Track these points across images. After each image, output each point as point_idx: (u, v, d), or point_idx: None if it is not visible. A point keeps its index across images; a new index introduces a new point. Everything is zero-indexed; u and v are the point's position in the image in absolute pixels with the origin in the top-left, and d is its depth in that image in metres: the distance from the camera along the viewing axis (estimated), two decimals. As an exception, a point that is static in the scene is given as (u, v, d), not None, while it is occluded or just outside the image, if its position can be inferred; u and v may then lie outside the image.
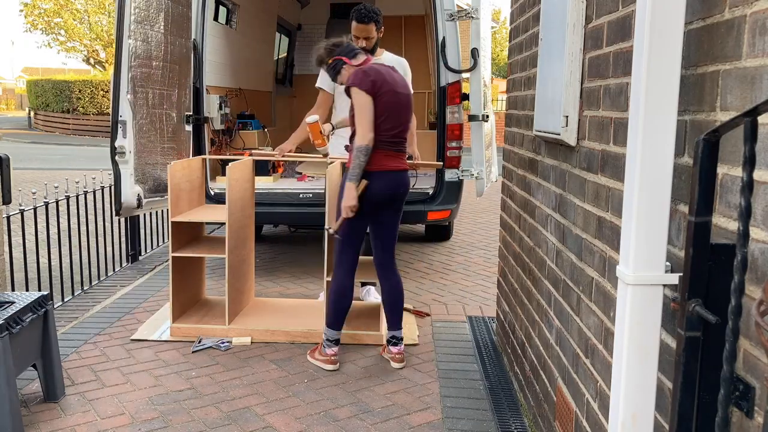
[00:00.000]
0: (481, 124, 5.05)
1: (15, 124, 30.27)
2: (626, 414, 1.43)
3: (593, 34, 2.14)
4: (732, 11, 1.27)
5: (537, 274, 2.93)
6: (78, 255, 4.96)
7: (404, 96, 3.47)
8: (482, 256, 6.36)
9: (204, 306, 4.35)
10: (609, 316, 1.91)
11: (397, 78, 3.46)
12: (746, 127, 0.98)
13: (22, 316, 2.88)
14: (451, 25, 4.95)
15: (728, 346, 1.00)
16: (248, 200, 4.30)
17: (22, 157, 15.82)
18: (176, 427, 2.94)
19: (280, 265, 5.94)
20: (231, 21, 7.02)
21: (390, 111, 3.37)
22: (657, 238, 1.39)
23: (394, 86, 3.39)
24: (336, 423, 3.01)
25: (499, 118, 15.81)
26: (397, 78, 3.46)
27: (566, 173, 2.43)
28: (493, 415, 3.10)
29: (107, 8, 29.58)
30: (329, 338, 3.60)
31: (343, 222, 3.44)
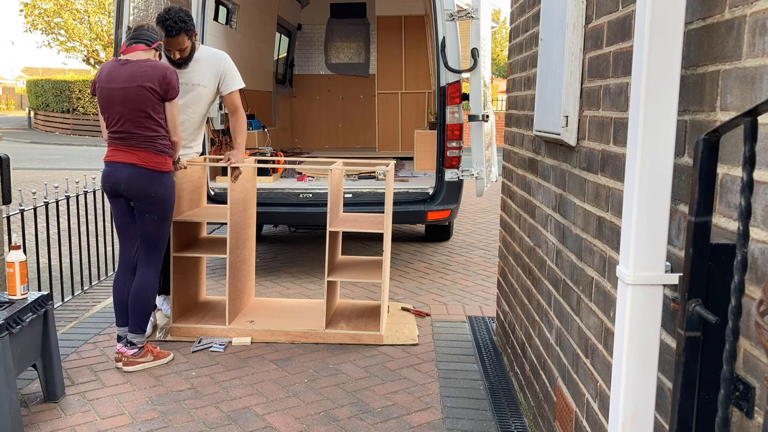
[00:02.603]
0: (481, 124, 5.05)
1: (15, 124, 30.27)
2: (626, 414, 1.43)
3: (593, 34, 2.14)
4: (732, 11, 1.27)
5: (537, 274, 2.93)
6: (78, 255, 4.96)
7: (118, 90, 3.35)
8: (482, 256, 6.36)
9: (204, 306, 4.35)
10: (609, 316, 1.91)
11: (122, 71, 3.36)
12: (746, 127, 0.98)
13: (22, 316, 2.88)
14: (451, 25, 4.95)
15: (728, 346, 1.00)
16: (250, 200, 4.30)
17: (22, 157, 15.83)
18: (176, 427, 2.94)
19: (280, 265, 5.94)
20: (231, 21, 7.02)
21: (103, 105, 3.42)
22: (657, 238, 1.39)
23: (109, 83, 3.38)
24: (336, 423, 3.01)
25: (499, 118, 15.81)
26: (122, 71, 3.36)
27: (566, 173, 2.44)
28: (493, 415, 3.11)
29: (107, 8, 29.56)
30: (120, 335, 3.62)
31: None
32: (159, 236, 3.55)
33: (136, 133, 3.38)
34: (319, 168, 4.59)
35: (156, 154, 3.42)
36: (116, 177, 3.41)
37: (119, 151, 3.41)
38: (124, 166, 3.39)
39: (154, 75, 3.34)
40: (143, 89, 3.32)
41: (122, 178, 3.40)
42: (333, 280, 4.02)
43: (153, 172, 3.42)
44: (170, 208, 3.55)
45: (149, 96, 3.34)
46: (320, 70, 9.78)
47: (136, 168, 3.39)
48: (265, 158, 5.00)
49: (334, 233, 4.10)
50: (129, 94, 3.33)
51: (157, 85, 3.34)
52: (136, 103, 3.34)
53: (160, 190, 3.45)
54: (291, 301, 4.53)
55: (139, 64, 3.38)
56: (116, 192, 3.46)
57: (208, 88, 4.03)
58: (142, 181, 3.40)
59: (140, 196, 3.43)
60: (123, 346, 3.57)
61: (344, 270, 4.14)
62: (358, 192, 5.30)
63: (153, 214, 3.48)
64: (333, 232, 4.03)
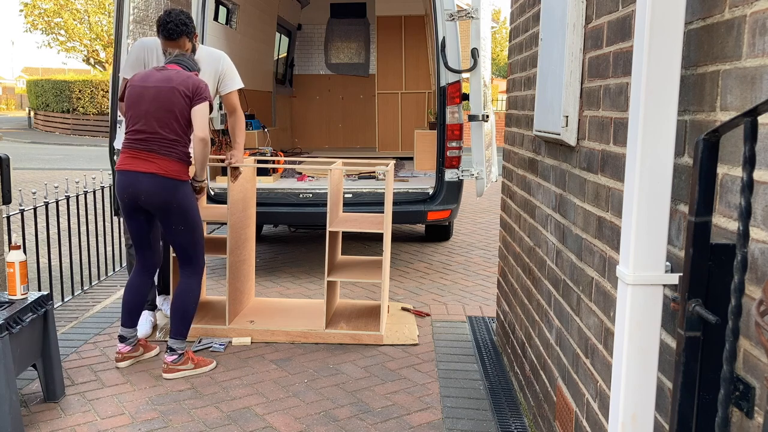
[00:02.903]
0: (481, 124, 5.05)
1: (15, 124, 30.27)
2: (626, 414, 1.43)
3: (593, 34, 2.14)
4: (732, 11, 1.27)
5: (537, 274, 2.93)
6: (78, 255, 4.96)
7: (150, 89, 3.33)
8: (482, 256, 6.36)
9: (204, 306, 4.35)
10: (609, 316, 1.91)
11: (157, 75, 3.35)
12: (746, 127, 0.98)
13: (22, 316, 2.88)
14: (451, 25, 4.95)
15: (728, 346, 1.00)
16: (249, 200, 4.30)
17: (22, 157, 15.82)
18: (176, 427, 2.95)
19: (280, 265, 5.94)
20: (231, 21, 7.02)
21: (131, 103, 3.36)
22: (657, 238, 1.39)
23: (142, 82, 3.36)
24: (336, 423, 3.01)
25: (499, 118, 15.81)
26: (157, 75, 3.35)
27: (566, 173, 2.43)
28: (493, 415, 3.11)
29: (107, 8, 29.57)
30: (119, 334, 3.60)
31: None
32: (193, 244, 3.47)
33: (159, 132, 3.29)
34: (319, 168, 4.59)
35: (178, 161, 3.33)
36: (136, 188, 3.29)
37: (137, 159, 3.29)
38: (143, 175, 3.28)
39: (188, 82, 3.33)
40: (176, 91, 3.29)
41: (142, 189, 3.29)
42: (333, 280, 4.02)
43: (175, 181, 3.31)
44: (196, 216, 3.46)
45: (180, 99, 3.30)
46: (320, 70, 9.78)
47: (158, 177, 3.27)
48: (265, 158, 5.00)
49: (334, 233, 4.10)
50: (161, 93, 3.30)
51: (190, 91, 3.31)
52: (167, 102, 3.29)
53: (182, 199, 3.34)
54: (291, 301, 4.53)
55: (174, 72, 3.37)
56: (136, 204, 3.35)
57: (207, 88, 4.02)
58: (165, 190, 3.29)
59: (162, 207, 3.32)
60: (124, 346, 3.57)
61: (344, 270, 4.14)
62: (358, 192, 5.30)
63: (180, 225, 3.38)
64: (333, 232, 4.03)
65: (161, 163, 3.29)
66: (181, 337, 3.48)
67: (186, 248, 3.47)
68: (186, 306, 3.49)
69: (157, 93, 3.30)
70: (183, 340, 3.49)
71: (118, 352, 3.57)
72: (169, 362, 3.44)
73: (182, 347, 3.49)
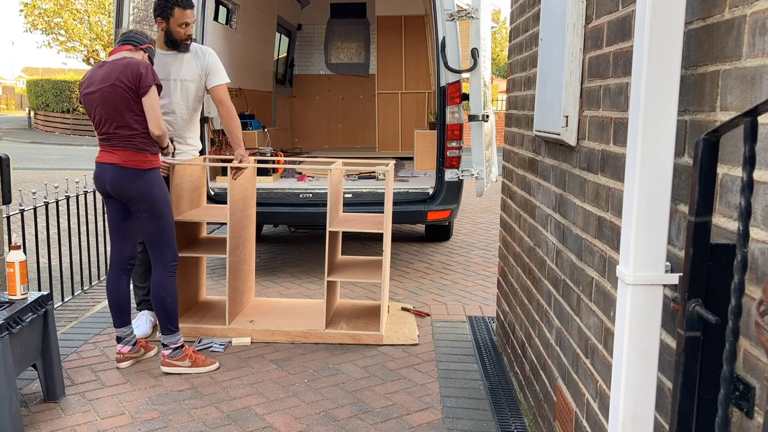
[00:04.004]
0: (481, 124, 5.05)
1: (15, 124, 30.27)
2: (626, 414, 1.43)
3: (593, 34, 2.14)
4: (732, 11, 1.27)
5: (537, 274, 2.93)
6: (78, 255, 4.96)
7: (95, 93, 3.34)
8: (482, 256, 6.36)
9: (204, 306, 4.35)
10: (609, 316, 1.91)
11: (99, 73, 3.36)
12: (746, 127, 0.98)
13: (22, 316, 2.88)
14: (451, 25, 4.95)
15: (728, 346, 1.00)
16: (249, 200, 4.30)
17: (22, 157, 15.83)
18: (176, 427, 2.95)
19: (280, 265, 5.94)
20: (231, 21, 7.02)
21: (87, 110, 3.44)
22: (657, 238, 1.39)
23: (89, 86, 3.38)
24: (336, 423, 3.01)
25: (499, 118, 15.82)
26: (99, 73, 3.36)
27: (566, 173, 2.43)
28: (493, 415, 3.10)
29: (107, 8, 29.56)
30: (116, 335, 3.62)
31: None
32: (156, 233, 3.47)
33: (116, 133, 3.35)
34: (319, 168, 4.59)
35: (136, 152, 3.36)
36: (103, 177, 3.42)
37: (104, 152, 3.41)
38: (108, 166, 3.39)
39: (127, 72, 3.29)
40: (116, 87, 3.28)
41: (107, 178, 3.40)
42: (333, 280, 4.02)
43: (133, 170, 3.36)
44: (161, 205, 3.46)
45: (123, 94, 3.29)
46: (320, 70, 9.78)
47: (117, 167, 3.36)
48: (265, 158, 5.00)
49: (333, 233, 4.10)
50: (104, 95, 3.31)
51: (131, 82, 3.28)
52: (111, 102, 3.30)
53: (142, 188, 3.38)
54: (291, 301, 4.53)
55: (114, 64, 3.34)
56: (106, 192, 3.46)
57: (195, 82, 4.02)
58: (123, 180, 3.37)
59: (124, 196, 3.41)
60: (123, 346, 3.57)
61: (344, 270, 4.14)
62: (358, 192, 5.30)
63: (142, 212, 3.43)
64: (333, 232, 4.03)
65: (121, 154, 3.36)
66: (169, 332, 3.51)
67: (151, 238, 3.48)
68: (162, 300, 3.49)
69: (101, 96, 3.32)
70: (173, 333, 3.52)
71: (118, 353, 3.58)
72: (165, 355, 3.50)
73: (174, 341, 3.51)
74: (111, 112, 3.32)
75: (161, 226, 3.49)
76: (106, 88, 3.30)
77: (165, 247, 3.51)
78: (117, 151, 3.37)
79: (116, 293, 3.57)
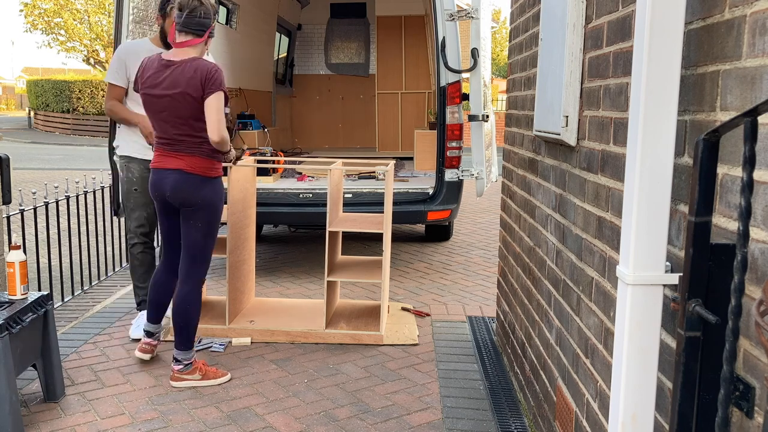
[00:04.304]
0: (481, 124, 5.05)
1: (15, 124, 30.27)
2: (626, 414, 1.43)
3: (593, 34, 2.14)
4: (732, 11, 1.27)
5: (537, 274, 2.93)
6: (78, 255, 4.96)
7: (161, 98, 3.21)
8: (482, 256, 6.36)
9: (204, 306, 4.35)
10: (609, 316, 1.91)
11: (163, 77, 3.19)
12: (746, 127, 0.98)
13: (22, 316, 2.88)
14: (451, 25, 4.95)
15: (728, 346, 1.00)
16: (249, 200, 4.30)
17: (22, 157, 15.83)
18: (176, 427, 2.94)
19: (280, 265, 5.94)
20: (231, 21, 7.02)
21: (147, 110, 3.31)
22: (657, 238, 1.39)
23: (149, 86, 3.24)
24: (336, 423, 3.01)
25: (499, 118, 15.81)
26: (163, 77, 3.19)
27: (566, 173, 2.43)
28: (493, 415, 3.10)
29: (107, 8, 29.57)
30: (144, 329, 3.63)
31: None
32: (203, 246, 3.36)
33: (183, 139, 3.24)
34: (319, 168, 4.59)
35: (203, 158, 3.26)
36: (163, 183, 3.27)
37: (167, 157, 3.27)
38: (171, 172, 3.25)
39: (195, 80, 3.14)
40: (185, 96, 3.14)
41: (169, 184, 3.25)
42: (333, 280, 4.03)
43: (200, 177, 3.26)
44: (217, 217, 3.37)
45: (192, 103, 3.16)
46: (320, 70, 9.78)
47: (182, 173, 3.24)
48: (265, 158, 5.00)
49: (333, 233, 4.10)
50: (172, 102, 3.17)
51: (200, 90, 3.14)
52: (179, 110, 3.18)
53: (207, 195, 3.28)
54: (291, 301, 4.53)
55: (182, 68, 3.16)
56: (164, 200, 3.33)
57: None
58: (189, 186, 3.25)
59: (186, 203, 3.28)
60: (153, 340, 3.60)
61: (344, 270, 4.14)
62: (358, 192, 5.30)
63: (197, 221, 3.31)
64: (333, 232, 4.03)
65: (188, 159, 3.25)
66: (185, 348, 3.39)
67: (195, 251, 3.36)
68: (187, 314, 3.38)
69: (169, 103, 3.18)
70: (188, 350, 3.40)
71: (146, 344, 3.58)
72: (176, 371, 3.37)
73: (188, 357, 3.39)
74: (179, 120, 3.20)
75: (209, 241, 3.40)
76: (175, 95, 3.16)
77: (203, 263, 3.42)
78: (184, 157, 3.25)
79: (163, 294, 3.56)
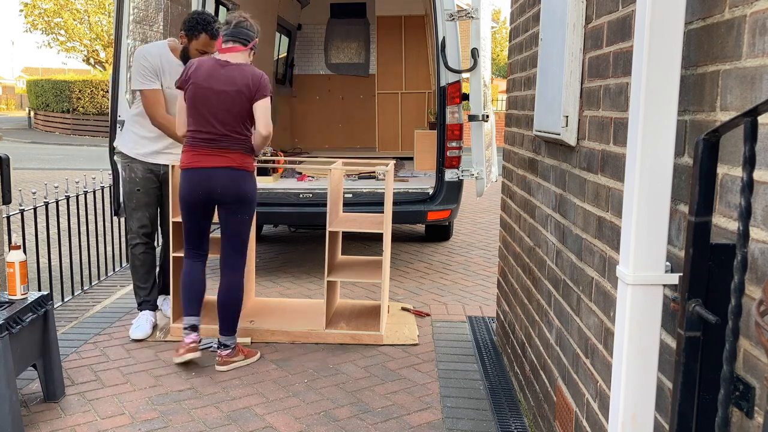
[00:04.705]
0: (481, 124, 5.05)
1: (15, 124, 30.26)
2: (626, 414, 1.43)
3: (593, 34, 2.14)
4: (732, 11, 1.27)
5: (537, 274, 2.93)
6: (78, 255, 4.96)
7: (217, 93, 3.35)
8: (482, 256, 6.36)
9: (204, 306, 4.34)
10: (609, 316, 1.91)
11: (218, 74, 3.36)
12: (746, 127, 0.98)
13: (22, 316, 2.88)
14: (451, 25, 4.95)
15: (728, 346, 1.00)
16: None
17: (22, 157, 15.82)
18: (176, 427, 2.95)
19: (280, 265, 5.94)
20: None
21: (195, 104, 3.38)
22: (657, 238, 1.39)
23: (204, 82, 3.35)
24: (336, 423, 3.01)
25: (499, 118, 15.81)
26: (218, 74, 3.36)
27: (566, 173, 2.43)
28: (493, 415, 3.11)
29: (107, 8, 29.57)
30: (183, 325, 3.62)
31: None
32: (246, 238, 3.59)
33: (232, 136, 3.39)
34: (319, 168, 4.59)
35: (245, 155, 3.45)
36: (212, 182, 3.38)
37: (210, 156, 3.38)
38: (221, 170, 3.38)
39: (251, 81, 3.36)
40: (241, 95, 3.35)
41: (219, 182, 3.38)
42: (333, 280, 4.03)
43: (246, 172, 3.46)
44: (255, 208, 3.62)
45: (245, 103, 3.37)
46: (320, 70, 9.78)
47: (234, 170, 3.40)
48: (265, 158, 5.00)
49: (334, 233, 4.10)
50: (229, 97, 3.35)
51: (252, 91, 3.36)
52: (236, 107, 3.36)
53: (252, 189, 3.50)
54: (291, 301, 4.53)
55: (239, 68, 3.38)
56: (209, 198, 3.43)
57: None
58: (240, 181, 3.42)
59: (237, 199, 3.44)
60: (197, 335, 3.61)
61: (344, 270, 4.14)
62: (358, 192, 5.30)
63: (245, 214, 3.51)
64: (333, 232, 4.03)
65: (234, 157, 3.41)
66: (232, 333, 3.60)
67: (242, 238, 3.57)
68: (236, 302, 3.59)
69: (225, 97, 3.35)
70: (234, 335, 3.61)
71: (192, 341, 3.57)
72: (224, 356, 3.57)
73: (234, 342, 3.61)
74: (232, 116, 3.37)
75: (249, 229, 3.62)
76: (232, 92, 3.35)
77: (246, 251, 3.63)
78: (231, 154, 3.40)
79: (198, 284, 3.63)
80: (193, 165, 3.40)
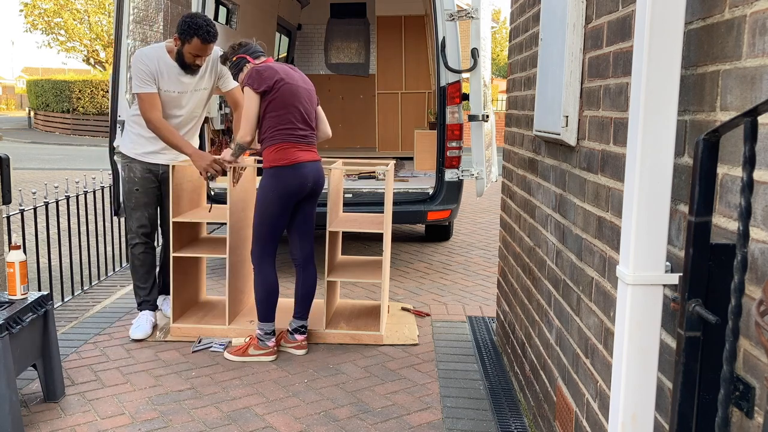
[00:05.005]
0: (481, 124, 5.05)
1: (15, 124, 30.26)
2: (626, 414, 1.43)
3: (593, 34, 2.14)
4: (732, 11, 1.27)
5: (537, 274, 2.93)
6: (78, 255, 4.96)
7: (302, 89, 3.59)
8: (482, 256, 6.36)
9: (204, 306, 4.35)
10: (609, 316, 1.91)
11: (296, 74, 3.61)
12: (746, 127, 0.98)
13: (22, 316, 2.88)
14: (451, 25, 4.95)
15: (728, 346, 1.00)
16: (249, 200, 4.29)
17: (22, 157, 15.82)
18: (176, 427, 2.95)
19: (280, 265, 5.93)
20: (231, 21, 7.02)
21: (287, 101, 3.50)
22: (657, 238, 1.39)
23: (291, 80, 3.54)
24: (336, 423, 3.01)
25: (499, 118, 15.81)
26: (296, 74, 3.61)
27: (566, 173, 2.44)
28: (493, 415, 3.11)
29: (107, 8, 29.57)
30: (267, 331, 3.71)
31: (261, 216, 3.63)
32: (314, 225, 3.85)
33: (313, 132, 3.66)
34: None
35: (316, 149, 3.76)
36: (313, 175, 3.61)
37: (306, 151, 3.60)
38: (315, 163, 3.64)
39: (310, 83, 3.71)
40: (312, 94, 3.66)
41: (315, 175, 3.63)
42: (333, 280, 4.02)
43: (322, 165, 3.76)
44: None
45: (315, 101, 3.70)
46: (320, 70, 9.78)
47: (319, 164, 3.69)
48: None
49: (334, 233, 4.10)
50: (309, 94, 3.63)
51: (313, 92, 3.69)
52: (313, 105, 3.66)
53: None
54: (291, 301, 4.52)
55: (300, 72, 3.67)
56: (305, 190, 3.62)
57: (208, 89, 4.04)
58: (323, 174, 3.73)
59: (321, 189, 3.73)
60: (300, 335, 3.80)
61: (344, 270, 4.14)
62: (358, 192, 5.30)
63: (317, 204, 3.80)
64: (333, 232, 4.03)
65: (316, 151, 3.70)
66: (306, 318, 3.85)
67: (313, 230, 3.82)
68: (314, 289, 3.86)
69: (307, 94, 3.62)
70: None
71: (274, 346, 3.72)
72: (302, 340, 3.81)
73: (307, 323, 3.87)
74: (311, 111, 3.65)
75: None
76: (311, 90, 3.67)
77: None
78: (314, 149, 3.67)
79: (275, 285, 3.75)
80: (301, 159, 3.56)
